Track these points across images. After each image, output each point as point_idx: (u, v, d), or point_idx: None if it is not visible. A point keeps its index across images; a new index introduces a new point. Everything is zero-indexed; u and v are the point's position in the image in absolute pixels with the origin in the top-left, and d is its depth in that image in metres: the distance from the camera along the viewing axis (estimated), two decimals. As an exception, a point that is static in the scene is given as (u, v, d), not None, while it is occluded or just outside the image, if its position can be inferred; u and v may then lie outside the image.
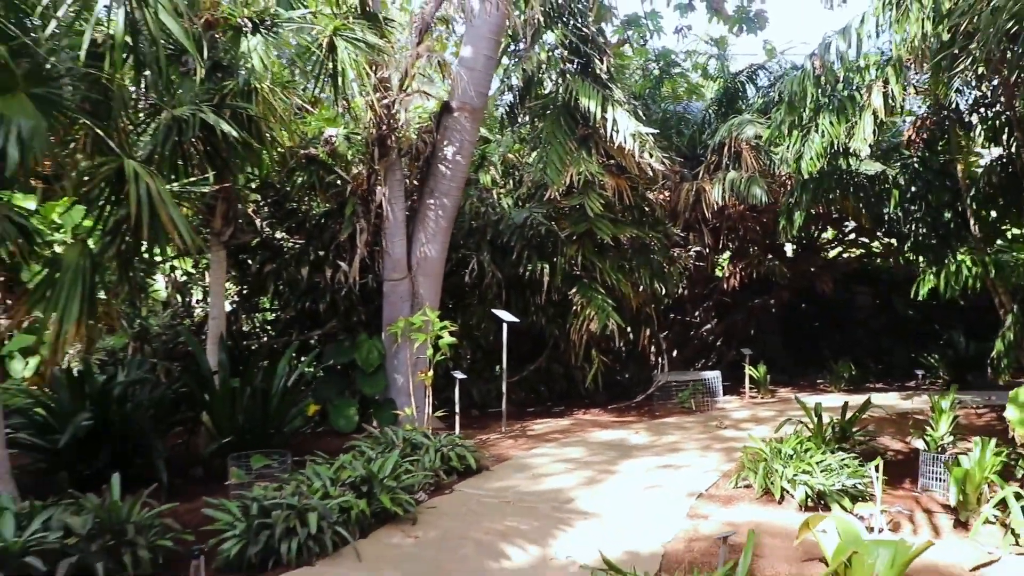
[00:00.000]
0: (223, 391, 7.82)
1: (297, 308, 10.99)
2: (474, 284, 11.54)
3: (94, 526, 4.69)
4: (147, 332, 10.54)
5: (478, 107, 10.16)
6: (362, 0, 8.74)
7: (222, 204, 8.54)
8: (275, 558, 4.89)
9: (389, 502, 5.69)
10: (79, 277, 5.86)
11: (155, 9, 5.77)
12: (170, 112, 7.03)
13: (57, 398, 7.34)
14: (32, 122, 4.92)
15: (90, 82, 6.34)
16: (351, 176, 10.18)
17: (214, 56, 7.77)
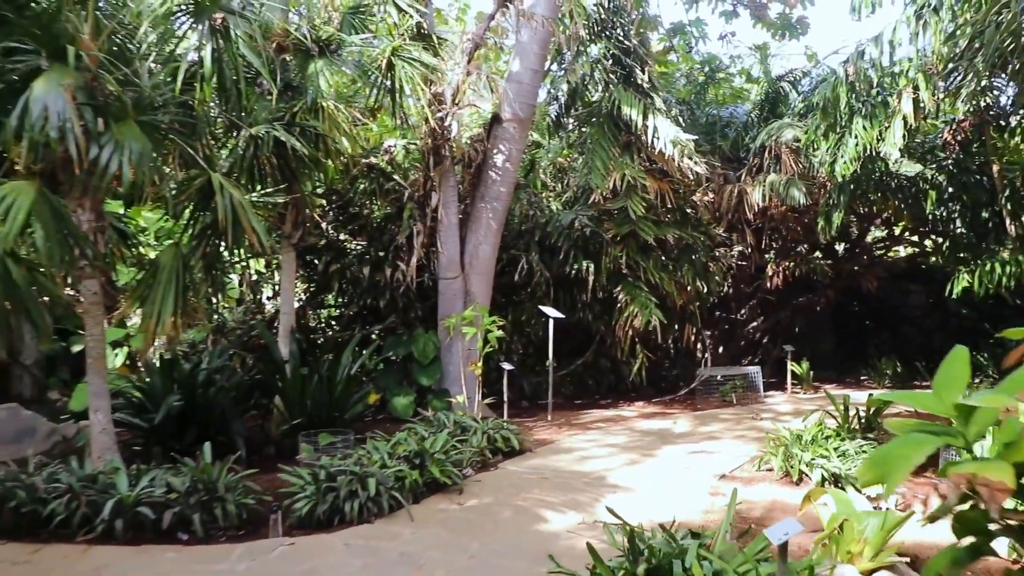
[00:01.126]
0: (293, 378, 8.72)
1: (359, 304, 11.90)
2: (524, 282, 12.29)
3: (191, 485, 5.60)
4: (224, 326, 11.57)
5: (525, 118, 10.91)
6: (418, 23, 9.56)
7: (292, 210, 9.44)
8: (340, 516, 5.71)
9: (439, 473, 6.49)
10: (173, 276, 6.78)
11: (236, 44, 6.66)
12: (248, 130, 7.96)
13: (151, 383, 8.33)
14: (140, 145, 5.83)
15: (179, 105, 7.28)
16: (409, 182, 11.05)
17: (285, 78, 8.67)
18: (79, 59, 5.86)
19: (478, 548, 5.21)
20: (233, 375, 9.26)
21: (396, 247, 11.15)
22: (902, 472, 1.95)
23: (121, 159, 5.80)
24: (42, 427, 8.25)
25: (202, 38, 6.58)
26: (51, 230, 5.57)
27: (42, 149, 5.81)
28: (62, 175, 6.30)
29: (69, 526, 5.30)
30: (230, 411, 8.24)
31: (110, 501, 5.32)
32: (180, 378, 8.37)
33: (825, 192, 12.98)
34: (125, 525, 5.28)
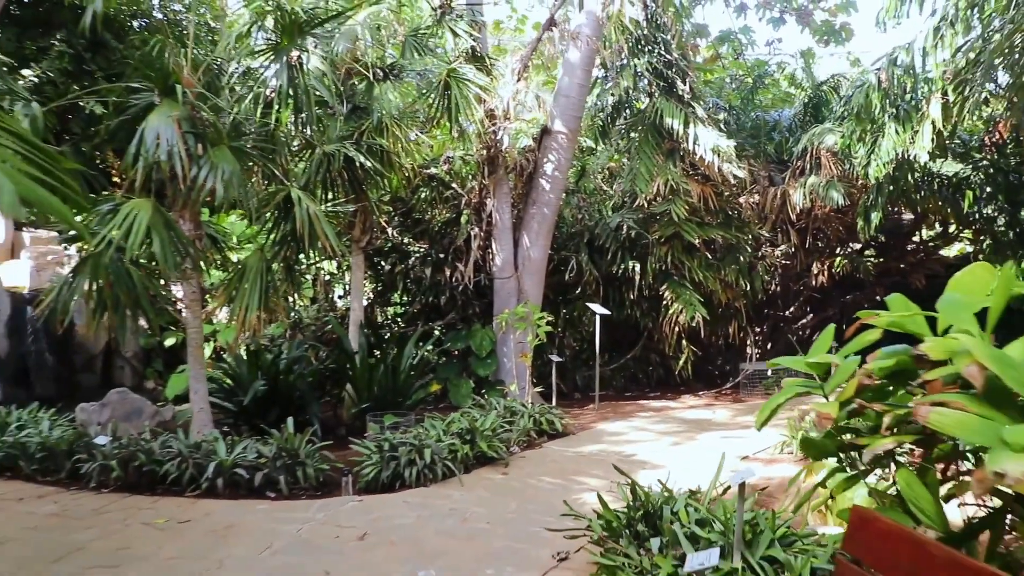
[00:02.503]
0: (362, 367, 9.78)
1: (422, 302, 12.97)
2: (574, 281, 13.18)
3: (277, 452, 6.67)
4: (301, 322, 12.75)
5: (573, 129, 11.79)
6: (472, 46, 10.52)
7: (360, 217, 10.50)
8: (400, 481, 6.71)
9: (487, 447, 7.43)
10: (258, 277, 7.88)
11: (308, 75, 7.72)
12: (321, 148, 9.04)
13: (239, 371, 9.50)
14: (232, 166, 6.92)
15: (261, 128, 8.39)
16: (466, 190, 12.05)
17: (353, 100, 9.75)
18: (184, 94, 6.99)
19: (516, 506, 6.13)
20: (309, 365, 10.40)
21: (455, 249, 12.14)
22: (767, 412, 2.81)
23: (216, 177, 6.91)
24: (147, 408, 9.47)
25: (280, 72, 7.64)
26: (164, 239, 6.70)
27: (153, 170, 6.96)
28: (168, 191, 7.47)
29: (180, 483, 6.44)
30: (307, 395, 9.35)
31: (212, 463, 6.43)
32: (264, 367, 9.51)
33: (865, 193, 13.52)
34: (224, 483, 6.39)
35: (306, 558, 4.88)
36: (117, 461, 6.56)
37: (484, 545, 5.16)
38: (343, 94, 9.54)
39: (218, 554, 4.93)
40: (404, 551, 5.02)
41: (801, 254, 15.53)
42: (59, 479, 6.74)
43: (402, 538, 5.29)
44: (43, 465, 6.86)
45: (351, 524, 5.61)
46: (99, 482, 6.53)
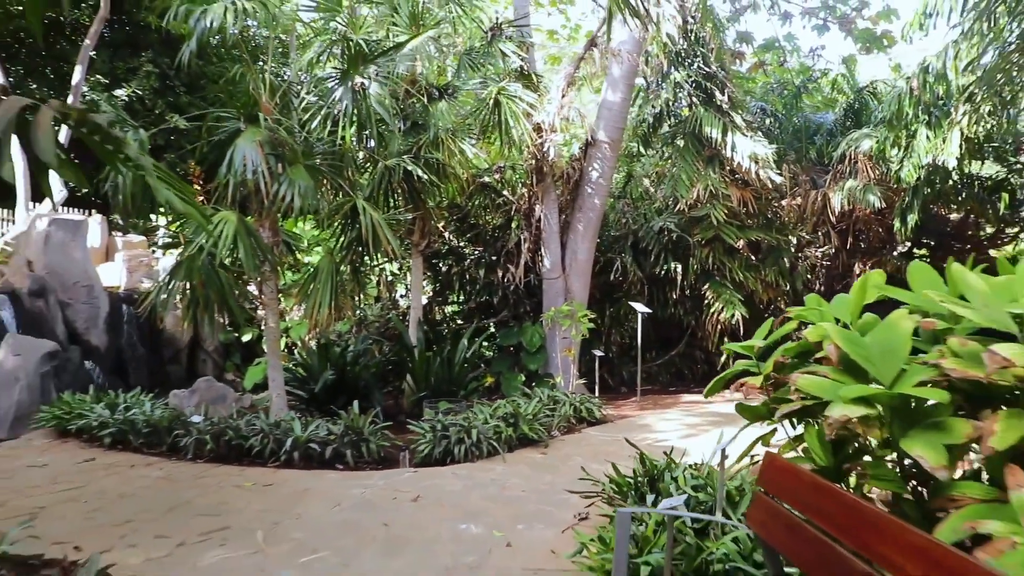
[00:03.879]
0: (420, 360, 10.80)
1: (477, 301, 13.96)
2: (619, 281, 14.01)
3: (344, 430, 7.70)
4: (365, 319, 13.86)
5: (616, 139, 12.61)
6: (520, 66, 11.44)
7: (419, 223, 11.53)
8: (450, 456, 7.67)
9: (528, 430, 8.35)
10: (328, 278, 8.93)
11: (370, 100, 8.74)
12: (383, 163, 10.07)
13: (310, 362, 10.60)
14: (307, 182, 7.97)
15: (329, 145, 9.44)
16: (516, 197, 13.00)
17: (411, 117, 10.75)
18: (264, 120, 8.08)
19: (550, 479, 7.04)
20: (373, 357, 11.47)
21: (506, 252, 13.09)
22: (716, 386, 3.67)
23: (293, 192, 7.97)
24: (230, 395, 10.63)
25: (345, 97, 8.68)
26: (247, 245, 7.77)
27: (238, 186, 8.07)
28: (251, 203, 8.58)
29: (263, 456, 7.52)
30: (371, 384, 10.40)
31: (289, 439, 7.49)
32: (332, 359, 10.60)
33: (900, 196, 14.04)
34: (300, 456, 7.45)
35: (368, 514, 5.86)
36: (210, 436, 7.69)
37: (519, 508, 6.08)
38: (402, 112, 10.57)
39: (296, 509, 5.95)
40: (450, 511, 5.97)
41: (843, 255, 16.06)
42: (161, 451, 7.89)
43: (449, 501, 6.24)
44: (148, 439, 8.02)
45: (407, 490, 6.60)
46: (195, 453, 7.65)
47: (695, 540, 4.28)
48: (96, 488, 6.54)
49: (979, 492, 2.45)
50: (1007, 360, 2.31)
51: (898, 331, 2.80)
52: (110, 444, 8.12)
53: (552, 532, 5.42)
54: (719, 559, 3.97)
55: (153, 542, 5.06)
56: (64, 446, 8.30)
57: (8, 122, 3.11)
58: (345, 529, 5.49)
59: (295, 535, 5.33)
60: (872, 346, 2.82)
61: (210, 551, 4.96)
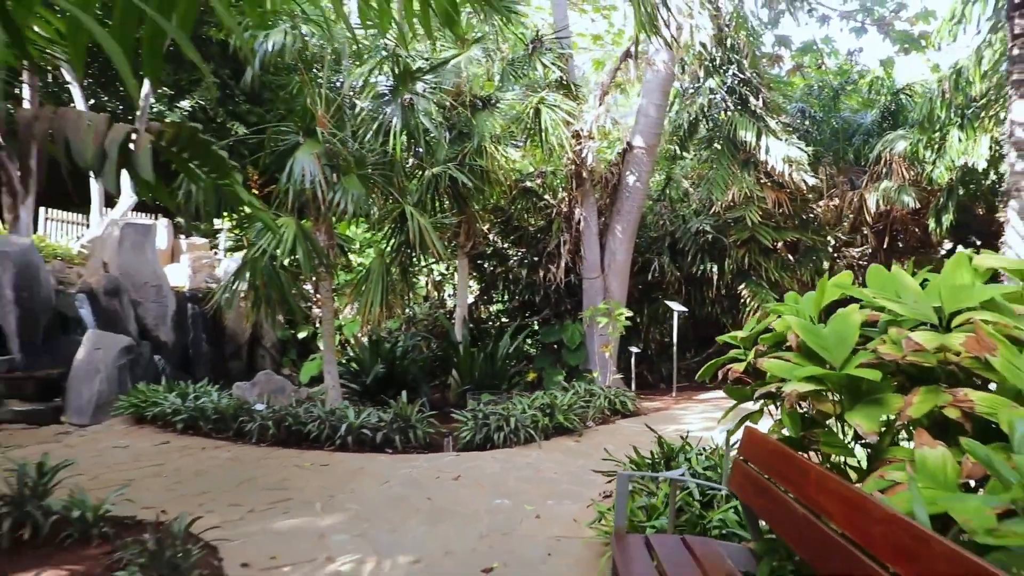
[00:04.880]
0: (465, 355, 11.47)
1: (520, 300, 14.60)
2: (657, 281, 14.50)
3: (394, 417, 8.40)
4: (414, 317, 14.59)
5: (652, 144, 13.12)
6: (559, 77, 12.04)
7: (464, 226, 12.20)
8: (490, 443, 8.32)
9: (563, 419, 8.95)
10: (379, 278, 9.66)
11: (418, 114, 9.43)
12: (430, 170, 10.76)
13: (363, 357, 11.34)
14: (359, 191, 8.69)
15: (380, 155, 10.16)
16: (556, 201, 13.59)
17: (457, 127, 11.42)
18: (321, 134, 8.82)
19: (582, 463, 7.63)
20: (421, 353, 12.18)
21: (548, 253, 13.69)
22: (708, 371, 4.24)
23: (346, 200, 8.69)
24: (288, 387, 11.42)
25: (395, 112, 9.39)
26: (306, 248, 8.52)
27: (297, 194, 8.82)
28: (309, 209, 9.33)
29: (319, 440, 8.25)
30: (419, 377, 11.11)
31: (344, 425, 8.21)
32: (383, 354, 11.33)
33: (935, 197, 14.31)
34: (353, 440, 8.16)
35: (414, 490, 6.53)
36: (272, 422, 8.45)
37: (550, 487, 6.70)
38: (448, 121, 11.25)
39: (351, 485, 6.65)
40: (488, 489, 6.62)
41: (881, 254, 16.33)
42: (228, 436, 8.66)
43: (487, 481, 6.89)
44: (216, 425, 8.81)
45: (449, 470, 7.26)
46: (259, 438, 8.41)
47: (699, 510, 4.84)
48: (173, 466, 7.33)
49: (904, 454, 3.00)
50: (918, 344, 2.87)
51: (849, 322, 3.35)
52: (182, 429, 8.93)
53: (578, 507, 6.03)
54: (716, 524, 4.53)
55: (227, 509, 5.80)
56: (141, 431, 9.13)
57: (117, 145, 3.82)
58: (393, 502, 6.16)
59: (349, 506, 6.02)
60: (828, 335, 3.37)
61: (276, 517, 5.68)
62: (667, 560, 3.43)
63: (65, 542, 4.93)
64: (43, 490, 5.28)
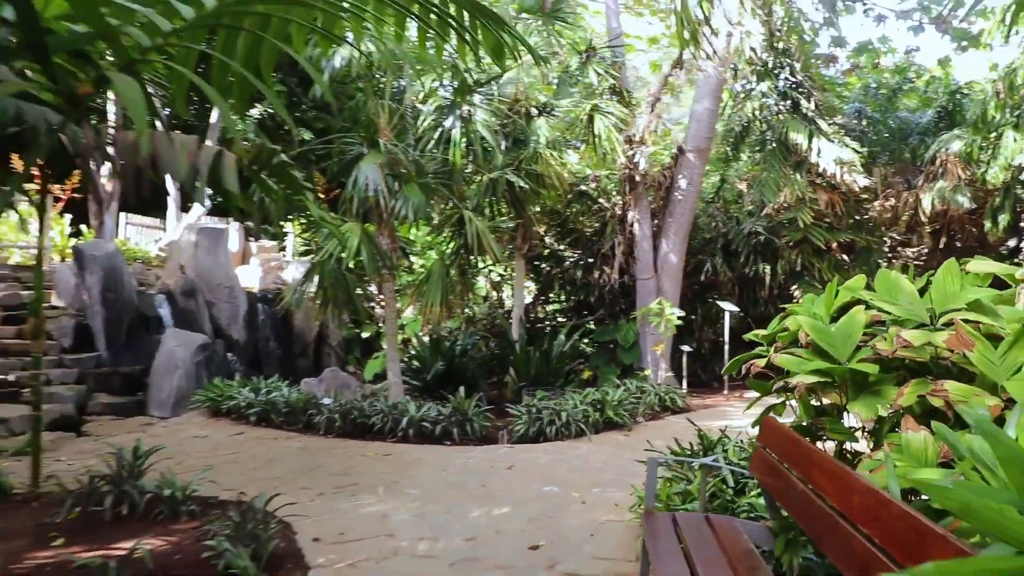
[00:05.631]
0: (521, 353, 11.94)
1: (575, 300, 15.03)
2: (710, 281, 14.77)
3: (452, 411, 8.92)
4: (474, 317, 15.12)
5: (704, 148, 13.40)
6: (612, 84, 12.43)
7: (521, 229, 12.67)
8: (543, 436, 8.78)
9: (613, 414, 9.36)
10: (440, 279, 10.19)
11: (476, 125, 9.93)
12: (487, 176, 11.26)
13: (424, 355, 11.91)
14: (419, 198, 9.23)
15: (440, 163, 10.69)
16: (610, 204, 13.98)
17: (513, 134, 11.90)
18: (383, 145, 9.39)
19: (629, 455, 8.02)
20: (480, 351, 12.69)
21: (602, 255, 14.07)
22: (733, 366, 4.61)
23: (407, 207, 9.24)
24: (353, 383, 12.05)
25: (454, 123, 9.91)
26: (370, 252, 9.09)
27: (362, 201, 9.39)
28: (372, 215, 9.91)
29: (382, 432, 8.81)
30: (477, 374, 11.63)
31: (405, 418, 8.76)
32: (443, 352, 11.88)
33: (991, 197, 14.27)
34: (413, 433, 8.70)
35: (469, 477, 7.02)
36: (339, 415, 9.05)
37: (597, 477, 7.12)
38: (505, 129, 11.73)
39: (410, 472, 7.18)
40: (538, 477, 7.07)
41: (937, 254, 16.28)
42: (298, 427, 9.29)
43: (538, 471, 7.34)
44: (287, 418, 9.45)
45: (503, 460, 7.74)
46: (326, 430, 9.02)
47: (732, 495, 5.22)
48: (249, 454, 7.96)
49: (899, 439, 3.35)
50: (907, 341, 3.23)
51: (854, 322, 3.71)
52: (255, 421, 9.59)
53: (622, 494, 6.44)
54: (744, 508, 4.91)
55: (299, 491, 6.37)
56: (218, 423, 9.83)
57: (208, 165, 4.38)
58: (450, 488, 6.66)
59: (409, 491, 6.54)
60: (835, 334, 3.74)
61: (343, 499, 6.23)
62: (689, 535, 3.83)
63: (158, 517, 5.54)
64: (138, 471, 5.92)
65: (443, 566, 4.75)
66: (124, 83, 2.40)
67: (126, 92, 2.34)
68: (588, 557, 4.97)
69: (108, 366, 11.45)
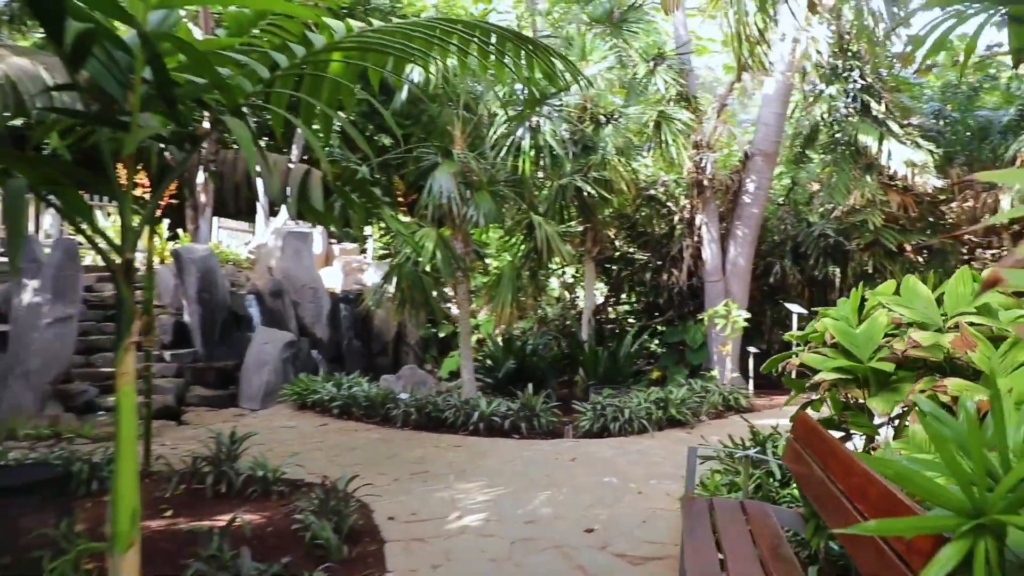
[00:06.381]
0: (589, 353, 12.36)
1: (645, 301, 15.34)
2: (779, 284, 14.89)
3: (520, 406, 9.42)
4: (546, 317, 15.59)
5: (771, 152, 13.57)
6: (679, 91, 12.74)
7: (591, 233, 13.08)
8: (606, 431, 9.20)
9: (675, 412, 9.70)
10: (511, 282, 10.70)
11: (544, 134, 10.40)
12: (557, 182, 11.72)
13: (496, 353, 12.44)
14: (489, 205, 9.75)
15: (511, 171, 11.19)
16: (679, 208, 14.26)
17: (582, 141, 12.32)
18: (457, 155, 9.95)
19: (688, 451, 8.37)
20: (551, 351, 13.16)
21: (671, 257, 14.37)
22: (772, 364, 4.96)
23: (479, 213, 9.77)
24: (429, 380, 12.67)
25: (524, 133, 10.41)
26: (445, 255, 9.65)
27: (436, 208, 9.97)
28: (447, 220, 10.48)
29: (455, 426, 9.37)
30: (547, 372, 12.10)
31: (476, 412, 9.30)
32: (514, 351, 12.39)
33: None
34: (484, 426, 9.23)
35: (534, 468, 7.51)
36: (415, 409, 9.65)
37: (655, 469, 7.51)
38: (574, 136, 12.16)
39: (480, 462, 7.70)
40: (599, 469, 7.50)
41: (1019, 257, 15.97)
42: (376, 420, 9.93)
43: (599, 463, 7.77)
44: (366, 411, 10.10)
45: (567, 453, 8.20)
46: (402, 422, 9.63)
47: (777, 487, 5.57)
48: (332, 443, 8.62)
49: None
50: (916, 342, 3.56)
51: (876, 324, 4.05)
52: (338, 414, 10.27)
53: (677, 486, 6.83)
54: (785, 498, 5.26)
55: (377, 476, 6.95)
56: (303, 415, 10.55)
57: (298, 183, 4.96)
58: (516, 476, 7.16)
59: (478, 479, 7.06)
60: (858, 335, 4.08)
61: (416, 484, 6.79)
62: (722, 517, 4.22)
63: (252, 495, 6.19)
64: (234, 455, 6.60)
65: (504, 544, 5.24)
66: (235, 124, 2.94)
67: (237, 131, 2.87)
68: (638, 540, 5.39)
69: (203, 361, 12.32)
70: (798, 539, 4.56)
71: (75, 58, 2.75)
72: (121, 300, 3.05)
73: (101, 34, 2.75)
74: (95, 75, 2.96)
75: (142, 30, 2.71)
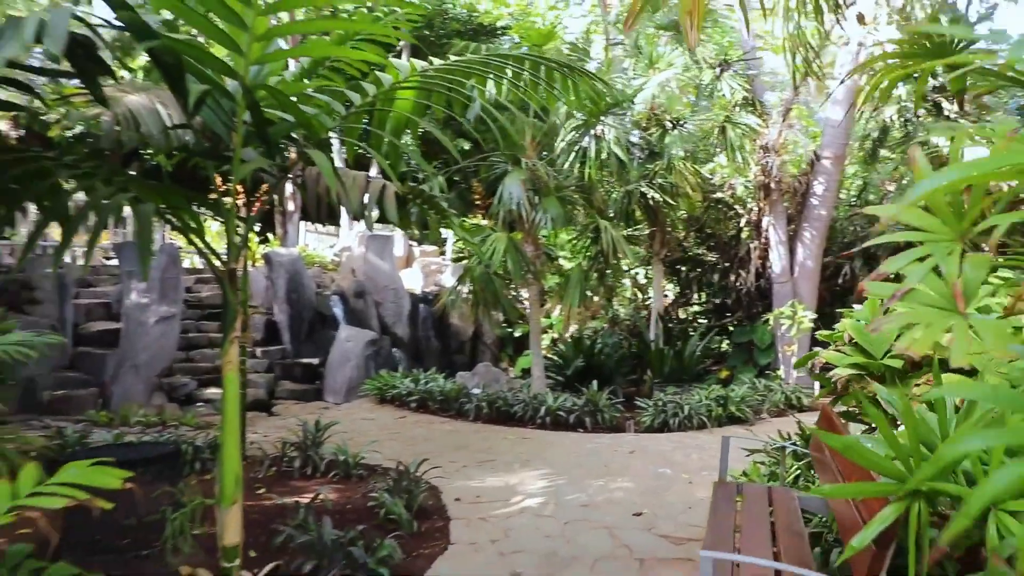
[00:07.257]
0: (656, 352, 12.77)
1: (713, 302, 15.63)
2: (849, 285, 14.97)
3: (585, 402, 9.93)
4: (617, 317, 16.04)
5: (839, 154, 13.69)
6: (744, 96, 13.02)
7: (658, 235, 13.49)
8: (666, 426, 9.63)
9: (735, 410, 10.05)
10: (579, 283, 11.21)
11: (608, 143, 10.88)
12: (623, 188, 12.18)
13: (566, 352, 12.97)
14: (557, 210, 10.29)
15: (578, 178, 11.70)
16: (746, 210, 14.51)
17: (649, 147, 12.74)
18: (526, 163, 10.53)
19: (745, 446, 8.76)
20: (619, 349, 13.61)
21: (739, 259, 14.63)
22: (802, 361, 5.35)
23: (547, 218, 10.33)
24: (503, 377, 13.28)
25: (589, 141, 10.91)
26: (515, 258, 10.24)
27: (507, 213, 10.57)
28: (517, 225, 11.07)
29: (523, 420, 9.95)
30: (613, 370, 12.56)
31: (543, 407, 9.86)
32: (583, 349, 12.89)
33: None
34: (550, 420, 9.78)
35: (595, 458, 8.02)
36: (486, 403, 10.26)
37: (709, 462, 7.93)
38: (641, 142, 12.59)
39: (544, 453, 8.26)
40: (655, 460, 7.97)
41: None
42: (450, 413, 10.58)
43: (656, 455, 8.24)
44: (441, 405, 10.77)
45: (626, 446, 8.69)
46: (474, 416, 10.26)
47: (814, 477, 5.96)
48: (409, 433, 9.30)
49: (915, 421, 4.08)
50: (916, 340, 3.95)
51: (889, 325, 4.43)
52: (415, 407, 10.97)
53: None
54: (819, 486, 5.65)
55: (447, 463, 7.58)
56: (383, 408, 11.29)
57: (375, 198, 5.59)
58: (577, 465, 7.69)
59: (540, 468, 7.61)
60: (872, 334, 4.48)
61: (483, 472, 7.39)
62: (748, 499, 4.67)
63: (334, 477, 6.89)
64: (319, 441, 7.32)
65: (558, 524, 5.79)
66: (318, 156, 3.57)
67: (320, 162, 3.49)
68: (682, 524, 5.87)
69: (291, 358, 13.21)
70: (823, 522, 4.96)
71: (193, 110, 3.42)
72: (226, 301, 3.72)
73: (213, 88, 3.42)
74: (206, 119, 3.64)
75: (244, 83, 3.35)
